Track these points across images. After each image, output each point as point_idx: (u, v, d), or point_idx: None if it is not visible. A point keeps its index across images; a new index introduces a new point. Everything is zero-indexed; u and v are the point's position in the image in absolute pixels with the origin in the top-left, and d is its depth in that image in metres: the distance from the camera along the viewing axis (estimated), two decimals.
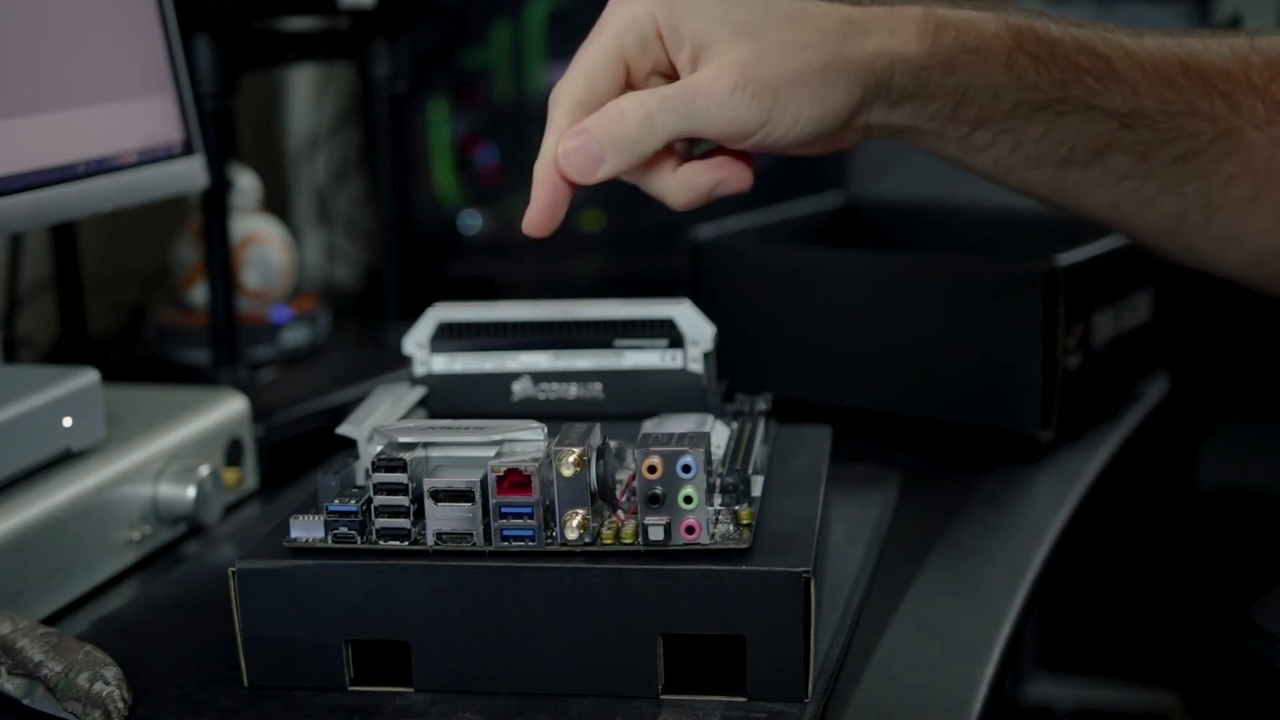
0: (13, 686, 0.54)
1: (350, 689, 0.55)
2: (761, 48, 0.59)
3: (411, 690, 0.54)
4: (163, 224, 1.04)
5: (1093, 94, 0.62)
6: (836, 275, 0.89)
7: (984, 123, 0.63)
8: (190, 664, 0.57)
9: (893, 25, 0.60)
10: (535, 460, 0.54)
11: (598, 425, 0.56)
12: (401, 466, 0.54)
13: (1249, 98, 0.63)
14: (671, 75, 0.62)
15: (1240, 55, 0.64)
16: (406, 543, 0.54)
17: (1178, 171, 0.64)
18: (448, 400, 0.68)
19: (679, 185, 0.62)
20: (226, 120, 0.92)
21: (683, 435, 0.54)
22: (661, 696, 0.53)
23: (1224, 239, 0.66)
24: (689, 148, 0.64)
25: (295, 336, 0.98)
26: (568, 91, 0.61)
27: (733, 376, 0.69)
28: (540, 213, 0.61)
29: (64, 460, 0.68)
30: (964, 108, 0.62)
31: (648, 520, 0.53)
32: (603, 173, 0.59)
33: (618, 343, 0.67)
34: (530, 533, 0.54)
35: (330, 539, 0.54)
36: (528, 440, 0.56)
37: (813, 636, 0.52)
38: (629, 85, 0.62)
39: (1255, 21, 1.13)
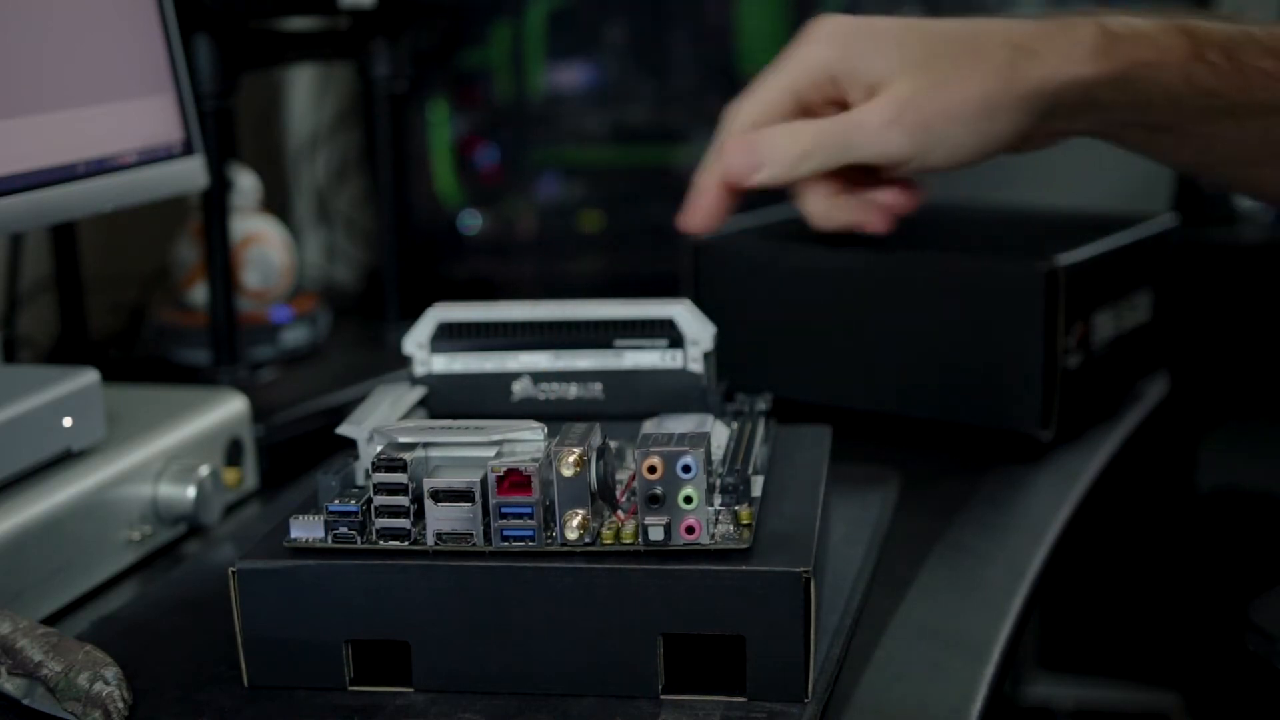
0: (13, 686, 0.54)
1: (350, 689, 0.55)
2: (925, 83, 0.61)
3: (411, 690, 0.54)
4: (163, 224, 1.04)
5: (1277, 95, 0.62)
6: (837, 275, 0.89)
7: (1166, 127, 0.63)
8: (190, 664, 0.57)
9: (1066, 46, 0.61)
10: (535, 460, 0.54)
11: (598, 425, 0.56)
12: (401, 466, 0.54)
13: None
14: (847, 106, 0.65)
15: None
16: (406, 543, 0.54)
17: None
18: (448, 400, 0.68)
19: (824, 212, 0.67)
20: (226, 120, 0.92)
21: (683, 435, 0.54)
22: (661, 696, 0.53)
23: None
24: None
25: (295, 336, 0.98)
26: (743, 114, 0.66)
27: (733, 376, 0.69)
28: (700, 213, 0.66)
29: (64, 460, 0.68)
30: (1145, 114, 0.62)
31: (648, 520, 0.53)
32: (759, 179, 0.64)
33: (618, 343, 0.67)
34: (530, 533, 0.54)
35: (330, 539, 0.54)
36: (528, 440, 0.56)
37: (813, 636, 0.52)
38: (805, 113, 0.66)
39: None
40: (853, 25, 0.64)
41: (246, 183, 1.00)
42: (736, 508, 0.55)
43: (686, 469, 0.52)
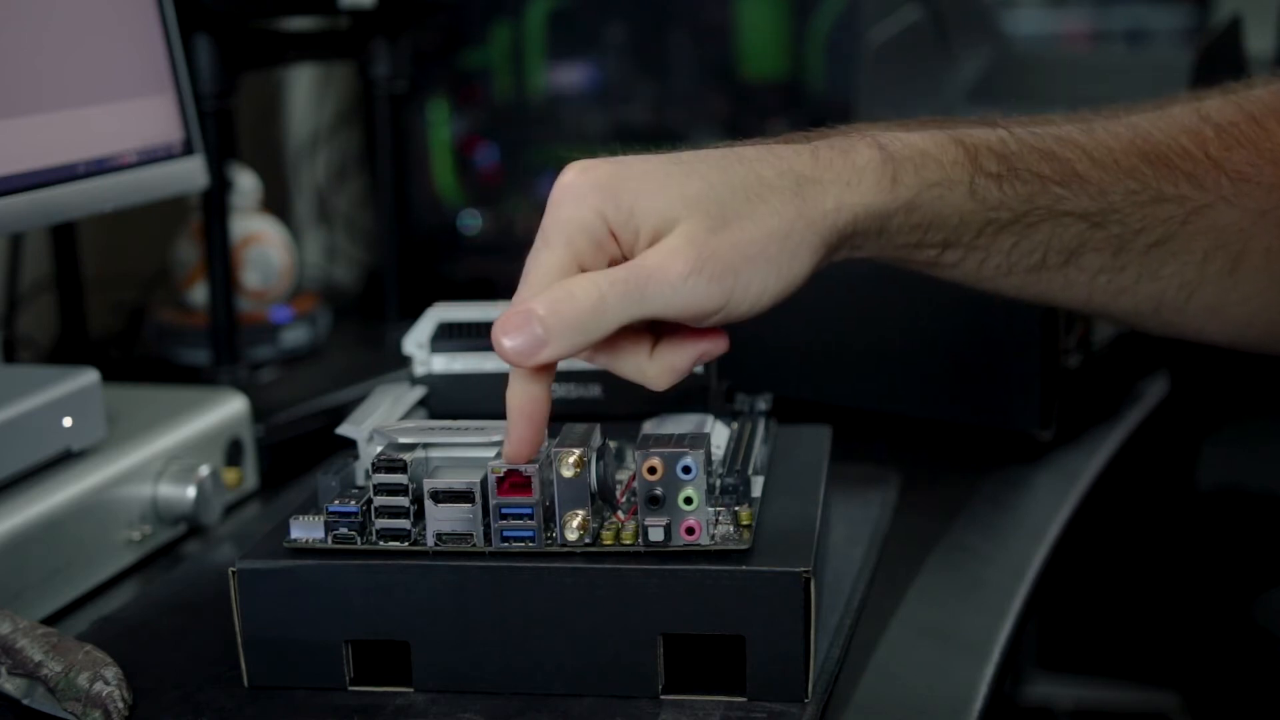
0: (13, 686, 0.54)
1: (350, 689, 0.55)
2: (716, 223, 0.54)
3: (411, 690, 0.54)
4: (163, 224, 1.04)
5: (1059, 200, 0.60)
6: (836, 275, 0.88)
7: (951, 245, 0.61)
8: (190, 664, 0.57)
9: (849, 176, 0.57)
10: (535, 461, 0.54)
11: (598, 425, 0.56)
12: (401, 467, 0.54)
13: (1212, 173, 0.62)
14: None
15: (1193, 130, 0.62)
16: (406, 543, 0.54)
17: (1153, 258, 0.62)
18: (448, 400, 0.68)
19: (659, 370, 0.56)
20: (226, 120, 0.92)
21: (683, 436, 0.54)
22: (661, 696, 0.53)
23: (1204, 312, 0.64)
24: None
25: (295, 336, 0.98)
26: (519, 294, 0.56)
27: (733, 376, 0.69)
28: (522, 445, 0.55)
29: (64, 460, 0.68)
30: (930, 235, 0.60)
31: (648, 521, 0.53)
32: (546, 356, 0.53)
33: None
34: (530, 533, 0.54)
35: (330, 539, 0.55)
36: None
37: (813, 636, 0.52)
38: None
39: (1255, 22, 1.13)
40: (612, 170, 0.55)
41: (246, 183, 1.00)
42: (736, 508, 0.55)
43: (687, 470, 0.52)
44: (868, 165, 0.57)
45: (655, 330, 0.57)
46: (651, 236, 0.54)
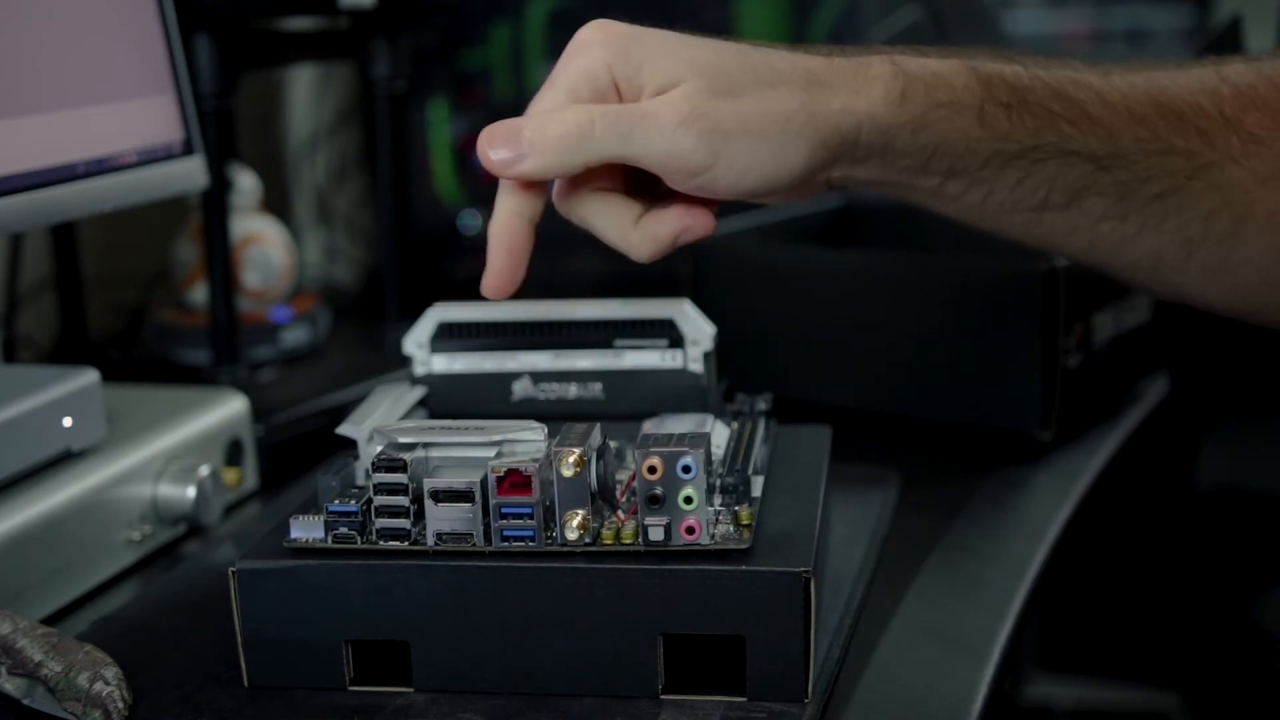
0: (13, 686, 0.54)
1: (350, 689, 0.55)
2: (720, 88, 0.55)
3: (411, 690, 0.54)
4: (163, 224, 1.04)
5: (1068, 139, 0.60)
6: (836, 275, 0.89)
7: (956, 174, 0.60)
8: (190, 664, 0.57)
9: (859, 84, 0.57)
10: (535, 460, 0.54)
11: (598, 425, 0.56)
12: (401, 466, 0.54)
13: (1223, 132, 0.62)
14: None
15: (1210, 88, 0.62)
16: (406, 543, 0.54)
17: (1156, 210, 0.62)
18: (448, 400, 0.68)
19: (641, 238, 0.58)
20: (226, 120, 0.92)
21: (683, 435, 0.54)
22: (661, 696, 0.53)
23: (1204, 273, 0.64)
24: (648, 203, 0.60)
25: (295, 336, 0.98)
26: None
27: (733, 376, 0.69)
28: (499, 276, 0.58)
29: (64, 460, 0.68)
30: (935, 161, 0.60)
31: (648, 520, 0.53)
32: (527, 167, 0.55)
33: (618, 343, 0.67)
34: (530, 533, 0.54)
35: (330, 539, 0.54)
36: (528, 440, 0.56)
37: (813, 636, 0.52)
38: None
39: (1255, 21, 1.13)
40: (629, 30, 0.57)
41: (246, 183, 1.00)
42: (736, 508, 0.55)
43: (686, 469, 0.52)
44: (879, 77, 0.57)
45: (644, 199, 0.59)
46: (654, 93, 0.56)
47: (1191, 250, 0.63)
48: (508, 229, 0.57)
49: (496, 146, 0.56)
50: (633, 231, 0.58)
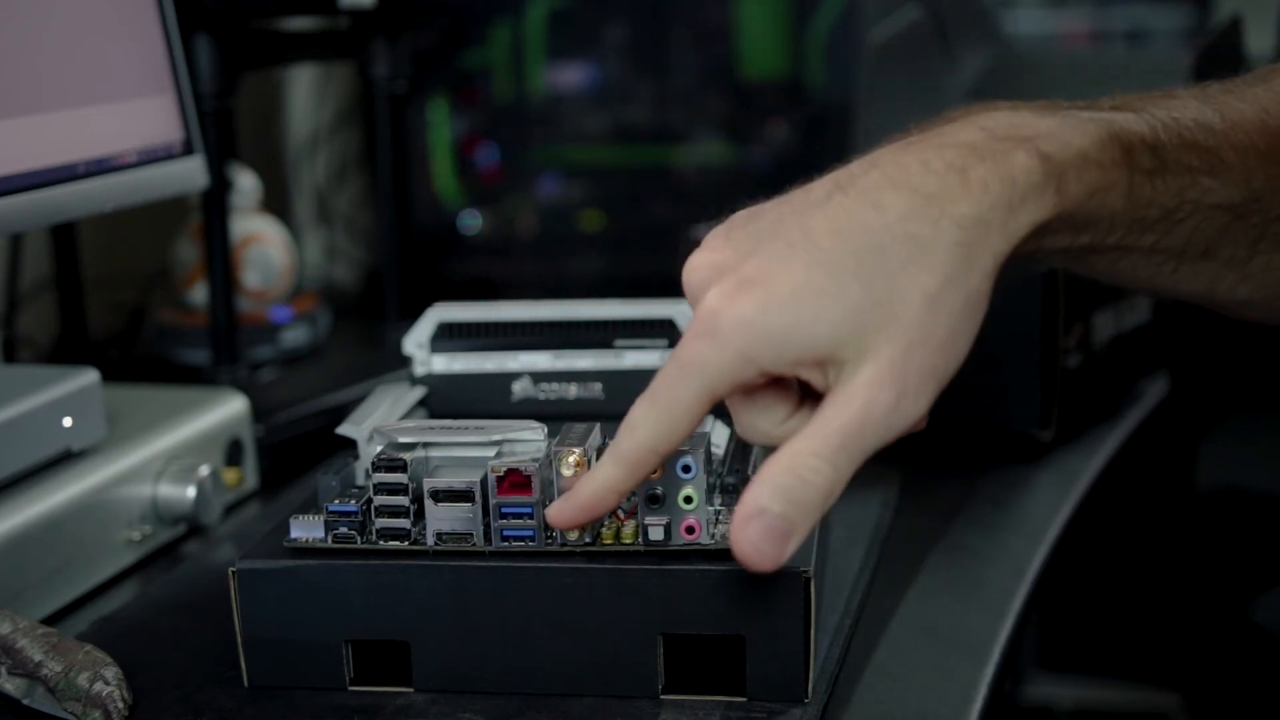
0: (13, 686, 0.54)
1: (350, 689, 0.55)
2: (899, 329, 0.49)
3: (411, 690, 0.54)
4: (163, 224, 1.04)
5: (1207, 193, 0.55)
6: None
7: (1095, 249, 0.56)
8: (190, 664, 0.57)
9: (1009, 197, 0.50)
10: (535, 460, 0.54)
11: (598, 425, 0.56)
12: (401, 466, 0.54)
13: None
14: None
15: None
16: (406, 543, 0.54)
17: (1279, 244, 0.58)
18: (448, 400, 0.68)
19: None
20: (226, 120, 0.92)
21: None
22: (661, 696, 0.53)
23: None
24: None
25: (295, 336, 0.98)
26: (653, 439, 0.50)
27: None
28: (565, 519, 0.52)
29: (64, 460, 0.68)
30: (1079, 238, 0.55)
31: (648, 520, 0.53)
32: (794, 546, 0.48)
33: (618, 343, 0.67)
34: (530, 533, 0.54)
35: (330, 539, 0.54)
36: (528, 440, 0.56)
37: (813, 636, 0.52)
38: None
39: (1255, 21, 1.13)
40: (757, 307, 0.49)
41: (246, 183, 1.00)
42: (737, 507, 0.55)
43: (686, 469, 0.52)
44: (1029, 182, 0.51)
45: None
46: (818, 363, 0.49)
47: None
48: (604, 504, 0.52)
49: (761, 548, 0.48)
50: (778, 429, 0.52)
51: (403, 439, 0.56)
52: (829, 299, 0.48)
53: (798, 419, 0.51)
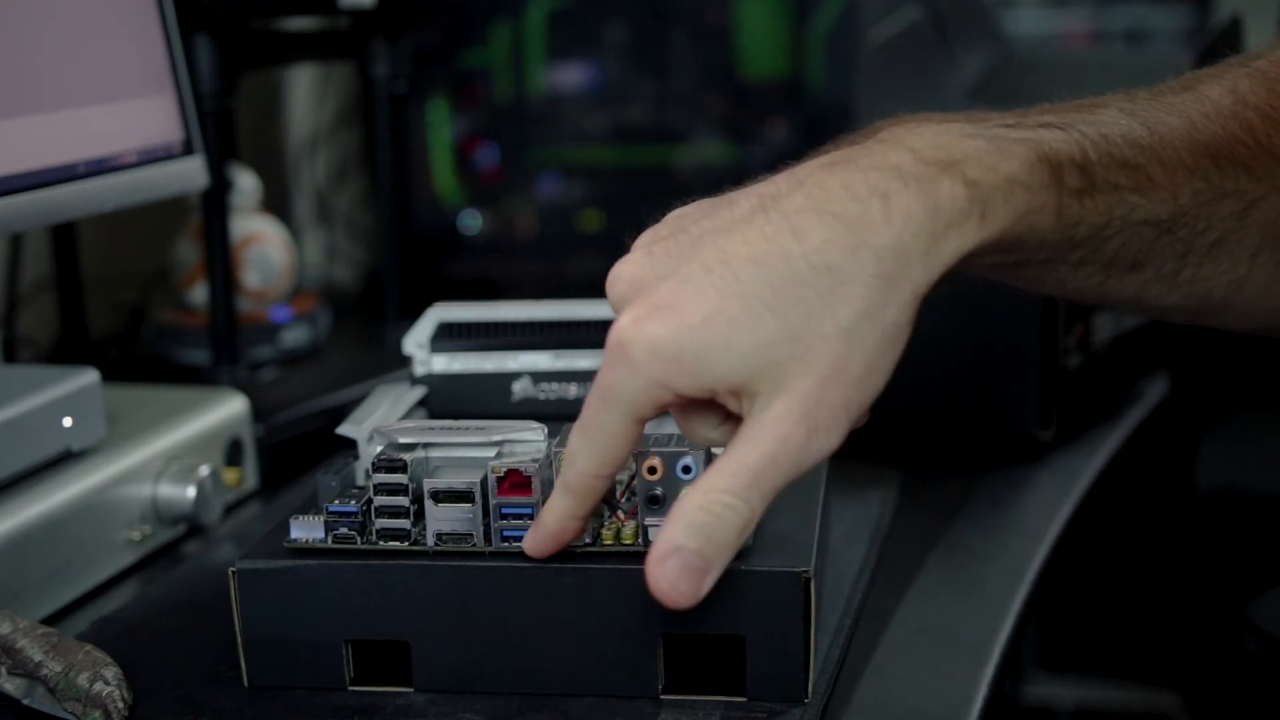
0: (13, 686, 0.54)
1: (350, 689, 0.55)
2: (813, 363, 0.48)
3: (411, 690, 0.54)
4: (163, 224, 1.04)
5: (1133, 209, 0.56)
6: None
7: (1024, 264, 0.56)
8: (190, 664, 0.57)
9: (933, 226, 0.50)
10: (535, 460, 0.54)
11: None
12: (401, 467, 0.54)
13: (1264, 161, 0.58)
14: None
15: (1237, 115, 0.58)
16: (406, 543, 0.54)
17: (1211, 258, 0.59)
18: (448, 400, 0.68)
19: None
20: (226, 120, 0.92)
21: (682, 436, 0.54)
22: (661, 696, 0.53)
23: (1249, 307, 0.61)
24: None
25: (295, 336, 0.98)
26: (586, 467, 0.51)
27: None
28: (548, 548, 0.53)
29: (64, 460, 0.68)
30: (1006, 257, 0.55)
31: (648, 521, 0.53)
32: (710, 582, 0.49)
33: None
34: None
35: (330, 539, 0.54)
36: (528, 440, 0.56)
37: (813, 636, 0.52)
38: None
39: (1255, 22, 1.13)
40: (668, 333, 0.49)
41: (246, 183, 1.00)
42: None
43: (686, 469, 0.52)
44: (955, 209, 0.50)
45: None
46: (732, 390, 0.49)
47: (1240, 287, 0.60)
48: (567, 530, 0.53)
49: (677, 585, 0.49)
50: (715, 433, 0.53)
51: (403, 439, 0.56)
52: (741, 329, 0.48)
53: (734, 421, 0.51)
